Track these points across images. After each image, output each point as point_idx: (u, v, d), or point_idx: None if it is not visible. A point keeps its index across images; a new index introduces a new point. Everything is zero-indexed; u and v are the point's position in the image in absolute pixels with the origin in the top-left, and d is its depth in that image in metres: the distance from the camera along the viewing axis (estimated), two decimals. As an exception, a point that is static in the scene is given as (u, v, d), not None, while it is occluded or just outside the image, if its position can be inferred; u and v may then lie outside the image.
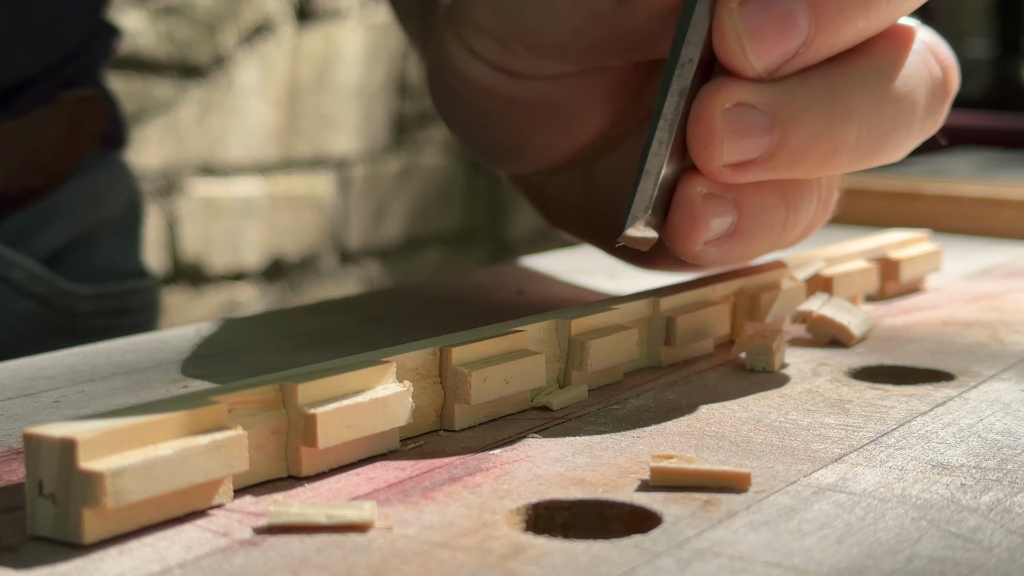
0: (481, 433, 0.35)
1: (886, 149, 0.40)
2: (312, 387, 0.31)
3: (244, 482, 0.30)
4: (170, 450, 0.27)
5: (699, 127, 0.38)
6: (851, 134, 0.38)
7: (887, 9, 0.38)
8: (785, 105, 0.38)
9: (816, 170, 0.39)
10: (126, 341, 0.44)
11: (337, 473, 0.31)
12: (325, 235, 1.91)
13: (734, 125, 0.37)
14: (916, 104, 0.40)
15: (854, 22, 0.37)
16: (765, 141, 0.38)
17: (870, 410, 0.37)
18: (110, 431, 0.27)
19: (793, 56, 0.37)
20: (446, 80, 0.46)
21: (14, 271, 0.61)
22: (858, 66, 0.39)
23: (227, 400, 0.29)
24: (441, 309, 0.50)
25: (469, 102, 0.45)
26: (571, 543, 0.27)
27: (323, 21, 1.87)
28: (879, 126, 0.39)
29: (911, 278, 0.53)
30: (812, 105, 0.38)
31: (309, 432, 0.30)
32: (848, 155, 0.39)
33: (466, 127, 0.47)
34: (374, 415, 0.32)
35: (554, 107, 0.44)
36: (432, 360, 0.34)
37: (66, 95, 0.63)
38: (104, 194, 0.66)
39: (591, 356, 0.38)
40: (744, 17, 0.37)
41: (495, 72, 0.44)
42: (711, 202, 0.39)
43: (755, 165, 0.38)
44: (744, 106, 0.38)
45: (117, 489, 0.26)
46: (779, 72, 0.38)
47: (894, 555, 0.27)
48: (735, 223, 0.39)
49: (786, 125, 0.38)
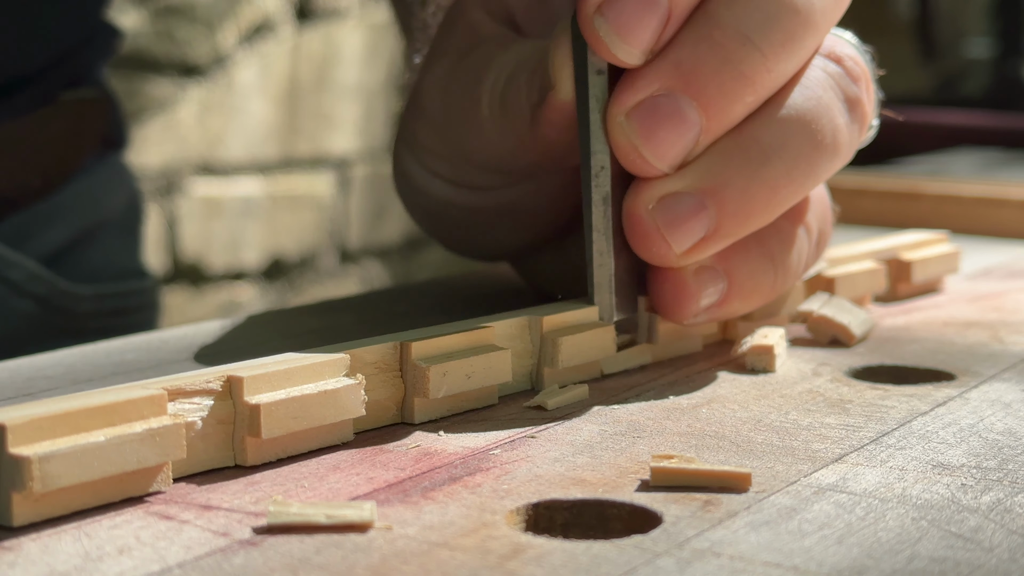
0: (481, 433, 0.35)
1: (821, 164, 0.39)
2: (260, 379, 0.31)
3: (189, 470, 0.31)
4: (102, 437, 0.28)
5: (635, 233, 0.39)
6: (778, 169, 0.38)
7: (770, 79, 0.38)
8: (704, 178, 0.38)
9: (768, 215, 0.39)
10: (125, 341, 0.44)
11: (336, 473, 0.31)
12: (325, 235, 1.91)
13: (666, 218, 0.38)
14: (829, 109, 0.39)
15: (742, 99, 0.38)
16: (703, 217, 0.38)
17: (871, 410, 0.37)
18: (42, 417, 0.27)
19: (694, 145, 0.38)
20: (410, 195, 0.47)
21: (14, 271, 0.61)
22: (758, 111, 0.39)
23: (167, 389, 0.30)
24: (441, 308, 0.50)
25: (435, 214, 0.47)
26: (571, 543, 0.27)
27: (323, 20, 1.87)
28: (801, 149, 0.39)
29: (924, 279, 0.53)
30: (728, 165, 0.38)
31: (254, 423, 0.31)
32: (788, 187, 0.39)
33: (435, 231, 0.49)
34: (322, 407, 0.32)
35: (514, 210, 0.45)
36: (392, 354, 0.35)
37: (67, 95, 0.63)
38: (104, 195, 0.66)
39: (562, 352, 0.38)
40: (633, 127, 0.38)
41: (453, 187, 0.45)
42: (702, 276, 0.39)
43: (707, 241, 0.38)
44: (668, 197, 0.38)
45: (44, 474, 0.27)
46: (686, 161, 0.38)
47: (894, 555, 0.27)
48: (725, 290, 0.40)
49: (716, 194, 0.38)
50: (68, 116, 0.63)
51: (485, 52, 0.43)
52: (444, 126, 0.44)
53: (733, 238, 0.39)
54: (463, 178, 0.45)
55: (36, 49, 0.61)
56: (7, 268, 0.60)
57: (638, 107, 0.38)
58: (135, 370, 0.40)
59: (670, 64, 0.37)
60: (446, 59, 0.44)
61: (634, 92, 0.38)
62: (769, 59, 0.38)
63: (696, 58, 0.37)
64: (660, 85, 0.37)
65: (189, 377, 0.31)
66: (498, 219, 0.46)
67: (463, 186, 0.45)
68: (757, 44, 0.37)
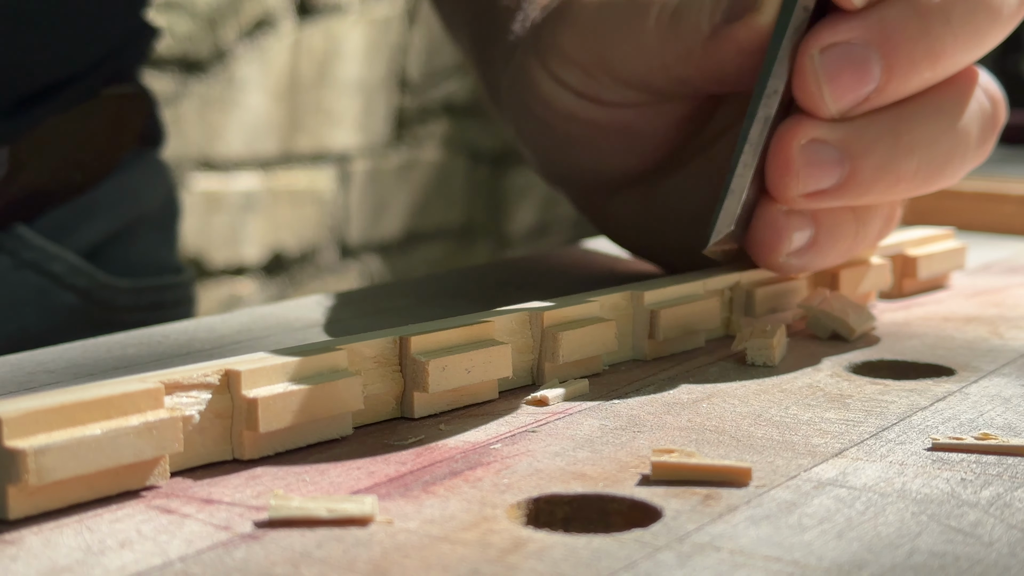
0: (482, 427, 0.35)
1: (943, 177, 0.43)
2: (258, 373, 0.31)
3: (187, 464, 0.31)
4: (98, 430, 0.28)
5: (777, 160, 0.42)
6: (911, 166, 0.42)
7: (952, 62, 0.41)
8: (854, 141, 0.41)
9: (879, 197, 0.42)
10: (126, 335, 0.44)
11: (337, 467, 0.31)
12: (325, 230, 1.91)
13: (809, 159, 0.41)
14: (970, 137, 0.43)
15: (921, 73, 0.41)
16: (836, 173, 0.41)
17: (870, 405, 0.37)
18: (37, 410, 0.27)
19: (864, 100, 0.41)
20: (528, 105, 0.49)
21: (56, 264, 0.62)
22: (920, 105, 0.42)
23: (164, 382, 0.30)
24: (441, 303, 0.50)
25: (552, 127, 0.49)
26: (572, 537, 0.27)
27: (323, 16, 1.86)
28: (936, 158, 0.42)
29: (930, 275, 0.53)
30: (878, 141, 0.41)
31: (251, 416, 0.31)
32: (908, 184, 0.42)
33: (545, 149, 0.50)
34: (320, 401, 0.32)
35: (631, 131, 0.47)
36: (392, 348, 0.35)
37: (108, 92, 0.64)
38: (142, 190, 0.67)
39: (563, 348, 0.38)
40: (824, 64, 0.41)
41: (579, 99, 0.47)
42: (792, 218, 0.43)
43: (826, 194, 0.42)
44: (818, 142, 0.41)
45: (40, 467, 0.27)
46: (850, 113, 0.41)
47: (894, 549, 0.27)
48: (813, 236, 0.43)
49: (855, 159, 0.41)
50: (109, 112, 0.64)
51: None
52: (594, 34, 0.46)
53: (848, 202, 0.42)
54: (593, 90, 0.47)
55: (84, 48, 0.62)
56: (49, 261, 0.62)
57: (833, 47, 0.40)
58: (137, 364, 0.41)
59: (875, 19, 0.40)
60: None
61: (834, 33, 0.40)
62: (959, 43, 0.41)
63: (899, 21, 0.40)
64: (859, 35, 0.40)
65: (186, 371, 0.31)
66: (614, 138, 0.48)
67: (590, 99, 0.47)
68: (954, 27, 0.40)
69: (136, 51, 0.67)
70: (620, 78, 0.46)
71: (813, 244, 0.43)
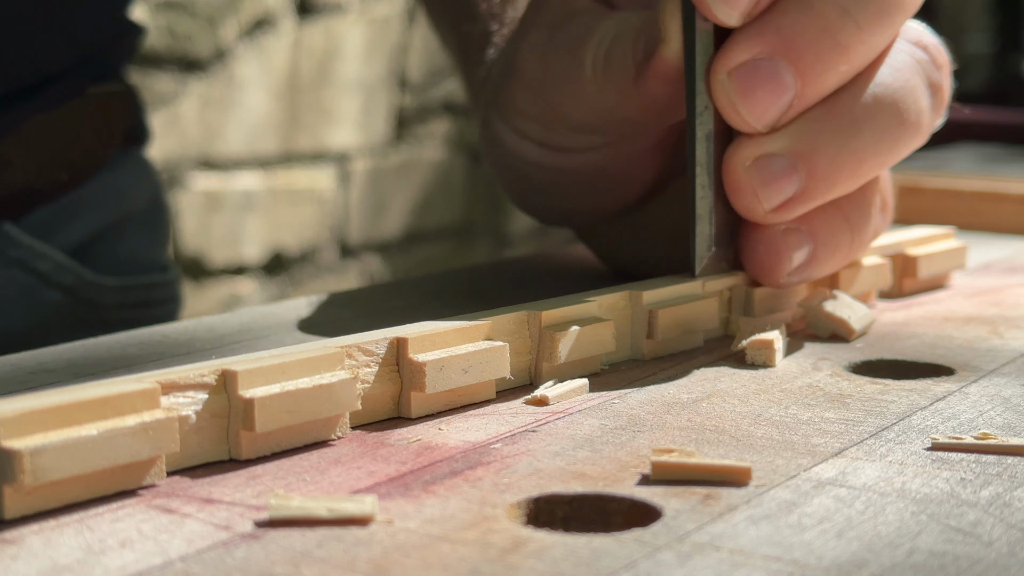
0: (482, 427, 0.35)
1: (906, 134, 0.42)
2: (254, 373, 0.31)
3: (183, 463, 0.31)
4: (94, 430, 0.28)
5: (731, 185, 0.42)
6: (865, 142, 0.41)
7: (866, 48, 0.41)
8: (799, 143, 0.41)
9: (852, 183, 0.42)
10: (127, 335, 0.44)
11: (337, 467, 0.31)
12: (325, 229, 1.91)
13: (763, 176, 0.41)
14: (915, 88, 0.42)
15: (836, 67, 0.41)
16: (794, 179, 0.41)
17: (870, 404, 0.37)
18: (33, 411, 0.27)
19: (789, 108, 0.41)
20: (498, 157, 0.49)
21: (42, 262, 0.62)
22: (850, 83, 0.41)
23: (160, 382, 0.30)
24: (439, 303, 0.50)
25: (524, 176, 0.49)
26: (572, 537, 0.27)
27: (323, 15, 1.86)
28: (889, 123, 0.42)
29: (930, 275, 0.53)
30: (821, 134, 0.41)
31: (248, 416, 0.31)
32: (873, 159, 0.42)
33: (522, 194, 0.51)
34: (317, 401, 0.32)
35: (602, 173, 0.48)
36: (390, 348, 0.35)
37: (94, 90, 0.64)
38: (128, 189, 0.68)
39: (560, 348, 0.38)
40: (735, 85, 0.41)
41: (543, 149, 0.47)
42: (790, 237, 0.43)
43: (794, 201, 0.41)
44: (765, 157, 0.41)
45: (36, 467, 0.27)
46: (780, 123, 0.41)
47: (894, 549, 0.27)
48: (812, 251, 0.43)
49: (807, 159, 0.41)
50: (94, 111, 0.64)
51: (585, 21, 0.45)
52: (541, 89, 0.46)
53: (818, 201, 0.42)
54: (554, 140, 0.47)
55: (69, 47, 0.62)
56: (36, 259, 0.62)
57: (739, 68, 0.40)
58: (137, 364, 0.41)
59: (772, 30, 0.40)
60: (542, 29, 0.47)
61: (736, 53, 0.40)
62: (864, 31, 0.40)
63: (796, 26, 0.40)
64: (761, 49, 0.40)
65: (183, 371, 0.31)
66: (584, 182, 0.48)
67: (553, 148, 0.47)
68: (854, 16, 0.40)
69: (121, 50, 0.67)
70: (575, 126, 0.46)
71: (812, 259, 0.43)
